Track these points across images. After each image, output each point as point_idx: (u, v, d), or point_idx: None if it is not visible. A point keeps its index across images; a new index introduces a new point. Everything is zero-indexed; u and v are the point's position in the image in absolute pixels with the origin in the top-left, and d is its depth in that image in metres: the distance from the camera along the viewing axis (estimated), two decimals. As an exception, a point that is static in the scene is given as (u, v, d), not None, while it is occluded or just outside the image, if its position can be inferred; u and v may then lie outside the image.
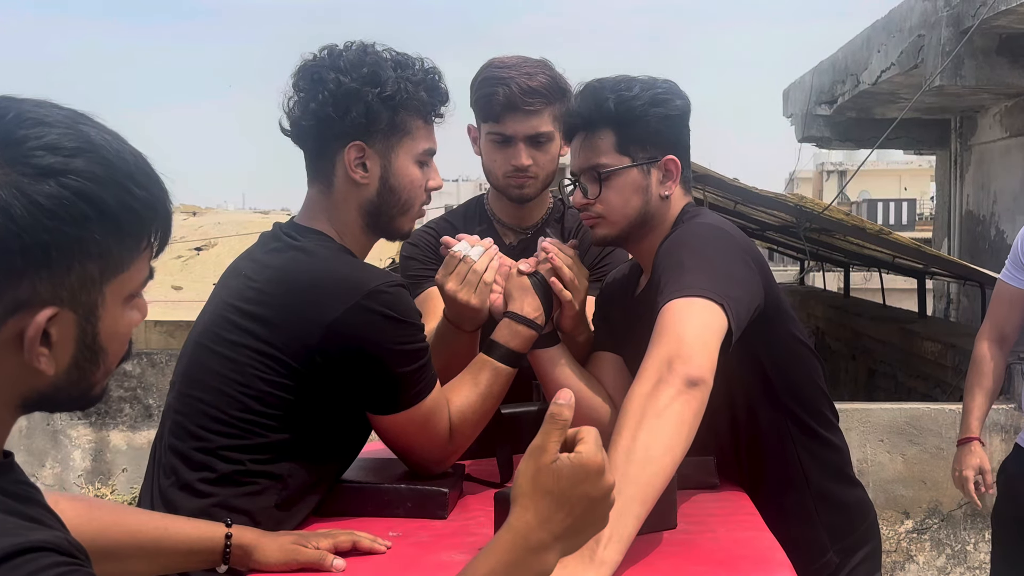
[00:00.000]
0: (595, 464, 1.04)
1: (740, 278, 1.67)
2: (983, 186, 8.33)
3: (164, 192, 0.98)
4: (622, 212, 1.84)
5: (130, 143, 0.97)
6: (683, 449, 1.43)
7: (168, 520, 1.48)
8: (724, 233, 1.77)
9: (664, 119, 1.83)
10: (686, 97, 1.88)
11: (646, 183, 1.83)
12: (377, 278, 1.64)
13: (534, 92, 2.14)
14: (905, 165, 33.88)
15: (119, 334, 0.97)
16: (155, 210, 0.96)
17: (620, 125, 1.82)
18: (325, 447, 1.68)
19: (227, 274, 1.76)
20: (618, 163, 1.82)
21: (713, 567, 1.45)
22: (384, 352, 1.62)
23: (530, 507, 1.03)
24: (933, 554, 5.05)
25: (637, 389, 1.46)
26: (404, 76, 1.69)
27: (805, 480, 1.87)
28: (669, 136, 1.84)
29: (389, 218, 1.75)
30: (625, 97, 1.81)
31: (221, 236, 7.65)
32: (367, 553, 1.51)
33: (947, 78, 6.21)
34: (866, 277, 12.26)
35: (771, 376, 1.83)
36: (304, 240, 1.69)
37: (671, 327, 1.53)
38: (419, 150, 1.74)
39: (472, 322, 1.91)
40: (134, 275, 0.96)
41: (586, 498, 1.04)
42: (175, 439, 1.65)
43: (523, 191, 2.22)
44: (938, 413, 5.05)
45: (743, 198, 6.27)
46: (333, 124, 1.67)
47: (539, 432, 1.05)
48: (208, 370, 1.64)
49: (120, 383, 6.30)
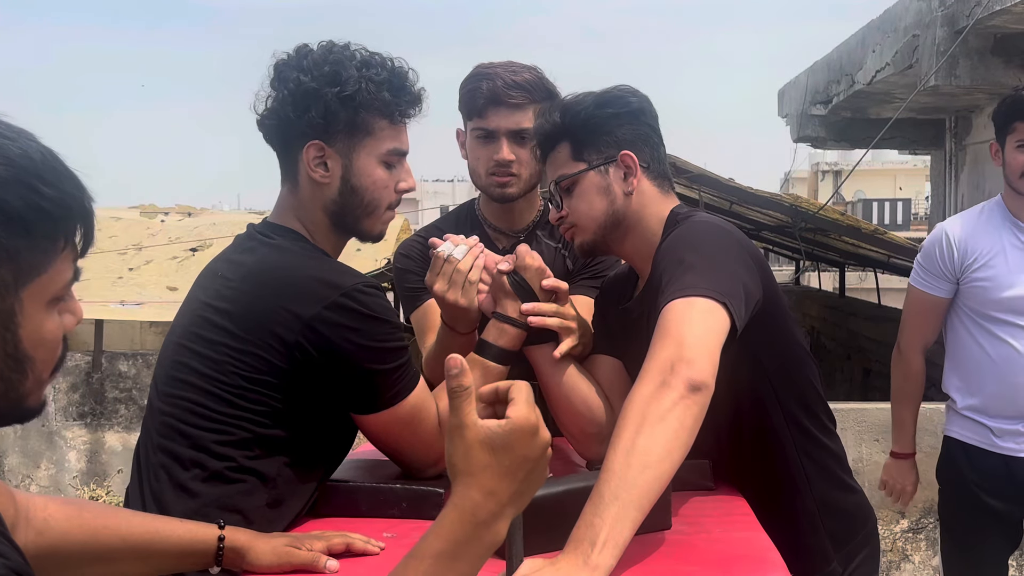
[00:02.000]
0: (528, 425, 1.02)
1: (740, 275, 1.66)
2: (978, 186, 8.35)
3: (79, 189, 0.94)
4: (589, 216, 1.84)
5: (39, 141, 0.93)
6: (682, 455, 1.42)
7: (160, 522, 1.48)
8: (723, 231, 1.77)
9: (613, 118, 1.84)
10: (642, 96, 1.89)
11: (606, 183, 1.83)
12: (354, 278, 1.65)
13: (518, 86, 2.14)
14: (900, 165, 33.93)
15: (46, 340, 0.94)
16: (68, 208, 0.93)
17: (571, 134, 1.85)
18: (313, 445, 1.68)
19: (202, 276, 1.76)
20: (575, 170, 1.84)
21: (707, 567, 1.45)
22: (362, 350, 1.62)
23: (472, 484, 1.01)
24: (929, 553, 5.06)
25: (639, 391, 1.45)
26: (367, 76, 1.68)
27: (808, 484, 1.87)
28: (622, 134, 1.84)
29: (354, 219, 1.75)
30: (571, 105, 1.86)
31: (216, 237, 7.64)
32: (361, 555, 1.51)
33: (942, 78, 6.22)
34: (861, 277, 12.27)
35: (773, 378, 1.82)
36: (277, 238, 1.70)
37: (673, 329, 1.52)
38: (383, 150, 1.72)
39: (465, 322, 1.91)
40: (55, 277, 0.93)
41: (526, 460, 1.02)
42: (164, 439, 1.65)
43: (505, 190, 2.20)
44: (933, 413, 5.04)
45: (738, 198, 6.28)
46: (292, 124, 1.68)
47: (450, 410, 1.01)
48: (191, 369, 1.64)
49: (115, 384, 6.29)
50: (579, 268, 2.28)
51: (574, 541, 1.32)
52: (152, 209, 15.13)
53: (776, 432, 1.85)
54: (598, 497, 1.35)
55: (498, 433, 1.01)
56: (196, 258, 7.44)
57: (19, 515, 1.31)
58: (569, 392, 1.90)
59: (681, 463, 1.43)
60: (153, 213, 11.33)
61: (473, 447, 1.00)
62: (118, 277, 7.31)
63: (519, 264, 1.88)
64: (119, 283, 7.22)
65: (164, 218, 9.54)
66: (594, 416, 1.90)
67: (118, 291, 7.05)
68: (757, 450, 1.86)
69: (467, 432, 1.01)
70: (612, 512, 1.33)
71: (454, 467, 1.01)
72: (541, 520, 1.37)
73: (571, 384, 1.90)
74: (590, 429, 1.91)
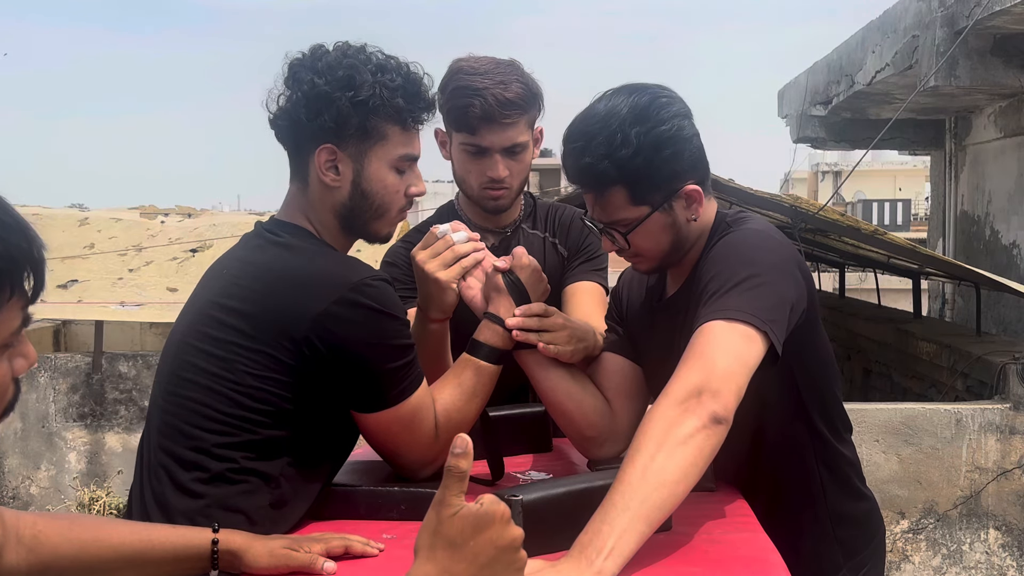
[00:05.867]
0: (497, 512, 1.04)
1: (789, 294, 1.64)
2: (978, 186, 8.34)
3: (26, 239, 0.95)
4: (657, 250, 1.78)
5: None
6: (696, 479, 1.44)
7: (152, 530, 1.47)
8: (777, 243, 1.73)
9: (673, 157, 1.70)
10: (682, 103, 1.74)
11: (671, 219, 1.75)
12: (362, 272, 1.64)
13: (511, 104, 2.09)
14: (900, 165, 33.88)
15: None
16: (14, 260, 0.93)
17: (627, 182, 1.70)
18: (318, 445, 1.67)
19: (208, 274, 1.75)
20: (638, 215, 1.73)
21: (708, 568, 1.45)
22: (369, 347, 1.61)
23: (431, 558, 1.03)
24: (929, 554, 5.05)
25: (662, 409, 1.46)
26: (381, 81, 1.67)
27: (823, 493, 1.86)
28: (680, 167, 1.72)
29: (363, 222, 1.74)
30: (623, 158, 1.67)
31: (216, 238, 7.62)
32: (359, 557, 1.50)
33: (941, 79, 6.21)
34: (861, 277, 12.26)
35: (800, 388, 1.81)
36: (286, 236, 1.70)
37: (708, 352, 1.51)
38: (394, 156, 1.72)
39: (439, 306, 1.88)
40: (1, 326, 0.93)
41: (491, 546, 1.04)
42: (166, 439, 1.64)
43: (499, 203, 2.19)
44: (933, 413, 5.05)
45: (738, 199, 6.26)
46: (304, 126, 1.68)
47: (440, 486, 1.04)
48: (197, 368, 1.63)
49: (115, 385, 6.29)
50: (573, 253, 2.28)
51: (580, 545, 1.32)
52: (152, 210, 15.13)
53: (798, 440, 1.84)
54: (609, 505, 1.35)
55: (469, 513, 1.03)
56: (196, 259, 7.43)
57: (8, 534, 1.32)
58: (564, 396, 1.88)
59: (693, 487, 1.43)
60: (153, 214, 11.32)
61: (444, 522, 1.03)
62: (118, 278, 7.30)
63: (515, 264, 1.87)
64: (119, 284, 7.20)
65: (164, 219, 9.53)
66: (590, 419, 1.89)
67: (118, 292, 7.04)
68: (776, 458, 1.84)
69: (443, 508, 1.03)
70: (622, 522, 1.33)
71: (421, 539, 1.04)
72: (542, 521, 1.37)
73: (564, 388, 1.88)
74: (588, 432, 1.90)
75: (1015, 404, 5.01)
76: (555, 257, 2.27)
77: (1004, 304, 7.80)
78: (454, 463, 1.03)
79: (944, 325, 8.15)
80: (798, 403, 1.82)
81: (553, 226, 2.31)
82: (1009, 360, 5.15)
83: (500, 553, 1.04)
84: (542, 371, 1.88)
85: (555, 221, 2.32)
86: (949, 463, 5.02)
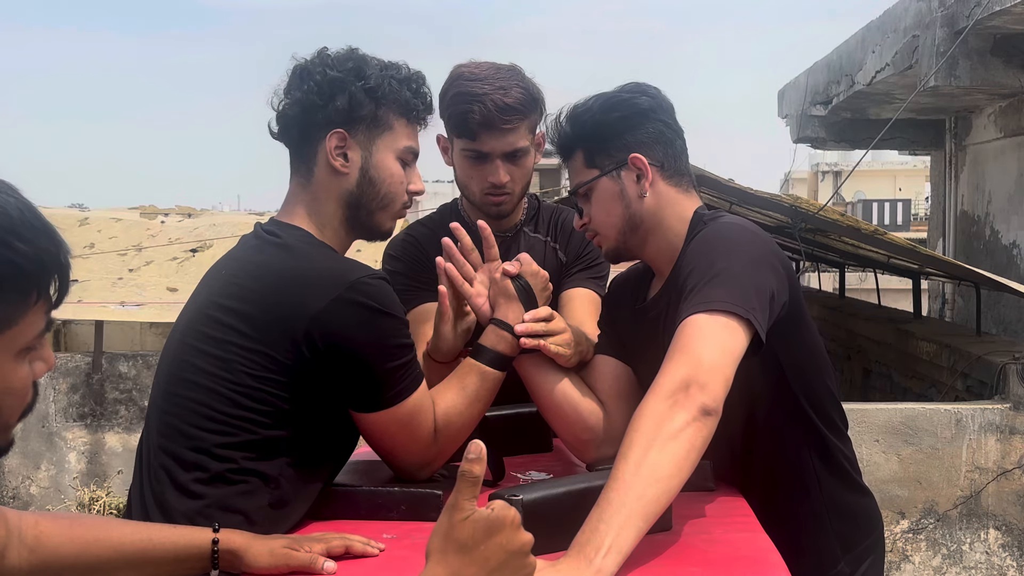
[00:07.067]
0: (508, 517, 1.06)
1: (769, 283, 1.66)
2: (978, 186, 8.34)
3: (55, 244, 0.96)
4: (608, 222, 1.83)
5: (18, 194, 0.94)
6: (689, 473, 1.44)
7: (153, 530, 1.47)
8: (752, 234, 1.76)
9: (620, 121, 1.81)
10: (653, 92, 1.85)
11: (620, 188, 1.81)
12: (360, 270, 1.64)
13: (511, 109, 2.08)
14: (900, 165, 33.87)
15: (15, 389, 0.95)
16: (43, 265, 0.94)
17: (583, 141, 1.83)
18: (318, 445, 1.67)
19: (208, 276, 1.76)
20: (589, 177, 1.83)
21: (708, 568, 1.45)
22: (367, 346, 1.62)
23: (441, 561, 1.04)
24: (929, 554, 5.06)
25: (651, 405, 1.46)
26: (389, 74, 1.74)
27: (818, 486, 1.86)
28: (632, 137, 1.81)
29: (368, 212, 1.75)
30: (579, 113, 1.83)
31: (216, 238, 7.62)
32: (360, 557, 1.50)
33: (942, 79, 6.21)
34: (861, 277, 12.26)
35: (789, 379, 1.81)
36: (285, 236, 1.70)
37: (692, 346, 1.52)
38: (400, 147, 1.76)
39: (447, 352, 1.92)
40: (25, 329, 0.94)
41: (501, 551, 1.05)
42: (165, 440, 1.64)
43: (501, 208, 2.19)
44: (933, 413, 5.05)
45: (738, 199, 6.27)
46: (317, 111, 1.71)
47: (453, 490, 1.05)
48: (196, 368, 1.63)
49: (116, 385, 6.29)
50: (573, 259, 2.27)
51: (578, 545, 1.32)
52: (152, 210, 15.14)
53: (789, 431, 1.84)
54: (605, 503, 1.36)
55: (480, 517, 1.04)
56: (196, 259, 7.43)
57: (11, 535, 1.32)
58: (560, 399, 1.88)
59: (686, 481, 1.44)
60: (153, 214, 11.32)
61: (456, 526, 1.04)
62: (118, 278, 7.30)
63: (524, 269, 1.87)
64: (119, 284, 7.21)
65: (164, 219, 9.53)
66: (586, 422, 1.89)
67: (118, 292, 7.04)
68: (768, 449, 1.85)
69: (456, 512, 1.04)
70: (619, 520, 1.34)
71: (432, 543, 1.05)
72: (541, 521, 1.37)
73: (560, 391, 1.88)
74: (584, 436, 1.90)
75: (1015, 404, 5.01)
76: (555, 262, 2.26)
77: (1004, 304, 7.80)
78: (467, 468, 1.04)
79: (944, 325, 8.16)
80: (787, 392, 1.82)
81: (555, 230, 2.31)
82: (1009, 360, 5.16)
83: (510, 557, 1.06)
84: (538, 374, 1.88)
85: (557, 225, 2.32)
86: (949, 463, 5.02)
